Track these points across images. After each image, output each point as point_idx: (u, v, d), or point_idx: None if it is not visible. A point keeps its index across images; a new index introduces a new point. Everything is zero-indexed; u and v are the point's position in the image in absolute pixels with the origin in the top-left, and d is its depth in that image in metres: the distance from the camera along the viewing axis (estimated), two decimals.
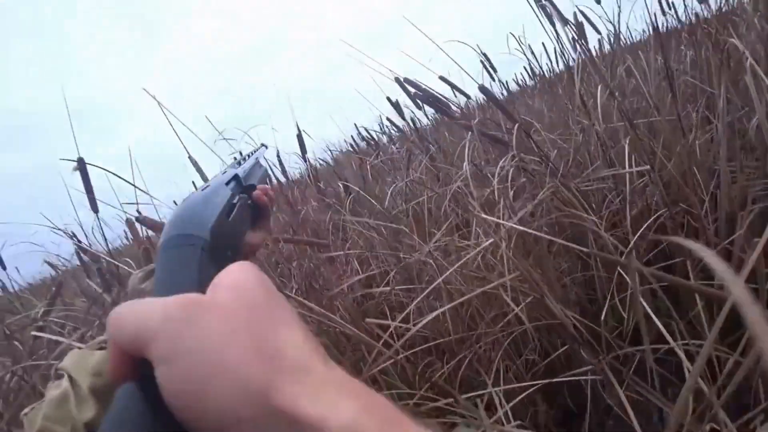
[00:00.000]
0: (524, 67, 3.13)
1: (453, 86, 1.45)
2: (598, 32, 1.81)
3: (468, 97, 1.44)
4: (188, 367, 0.21)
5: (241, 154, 0.55)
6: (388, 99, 1.85)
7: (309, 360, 0.22)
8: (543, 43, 2.85)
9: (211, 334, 0.21)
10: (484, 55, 2.11)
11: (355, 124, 2.61)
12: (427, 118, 2.71)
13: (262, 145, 0.62)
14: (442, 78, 1.48)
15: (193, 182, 2.23)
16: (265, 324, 0.23)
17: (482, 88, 0.87)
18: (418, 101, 1.03)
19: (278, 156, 1.49)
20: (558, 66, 2.73)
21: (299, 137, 1.47)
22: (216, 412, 0.20)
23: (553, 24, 1.17)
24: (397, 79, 1.28)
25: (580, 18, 1.63)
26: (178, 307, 0.22)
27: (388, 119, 2.22)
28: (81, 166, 0.96)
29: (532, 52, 2.06)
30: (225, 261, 0.30)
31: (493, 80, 2.09)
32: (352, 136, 2.61)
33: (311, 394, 0.20)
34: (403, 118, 1.87)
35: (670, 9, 2.11)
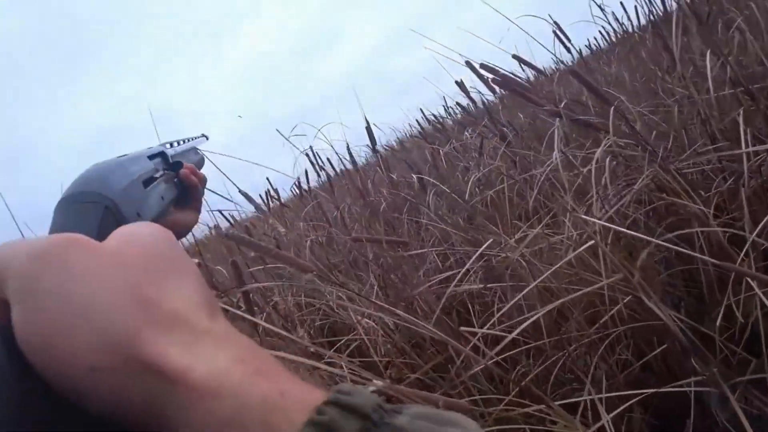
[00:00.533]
0: (599, 31, 2.85)
1: (528, 65, 1.36)
2: None
3: (543, 74, 1.34)
4: (42, 308, 0.19)
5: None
6: (457, 83, 1.78)
7: (190, 312, 0.21)
8: (621, 2, 2.57)
9: (79, 275, 0.20)
10: (556, 23, 1.96)
11: (421, 109, 2.56)
12: (494, 94, 2.58)
13: (202, 135, 0.60)
14: (515, 57, 1.39)
15: (267, 179, 2.32)
16: (149, 273, 0.21)
17: (574, 73, 0.79)
18: (496, 86, 0.97)
19: (348, 149, 1.50)
20: (639, 21, 2.44)
21: (368, 129, 1.46)
22: (68, 358, 0.18)
23: None
24: (468, 63, 1.22)
25: None
26: (51, 244, 0.20)
27: (457, 103, 2.14)
28: None
29: (604, 13, 1.86)
30: None
31: (569, 51, 1.93)
32: (417, 120, 2.56)
33: (184, 345, 0.19)
34: (472, 100, 1.80)
35: None
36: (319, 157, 1.66)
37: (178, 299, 0.21)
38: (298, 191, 1.76)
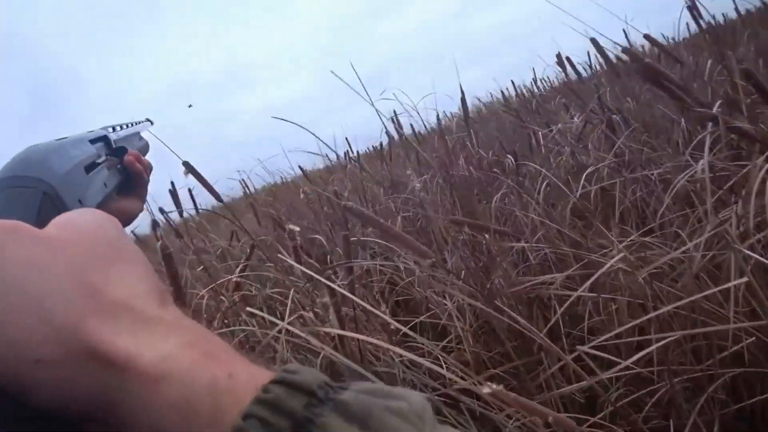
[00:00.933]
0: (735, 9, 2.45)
1: (660, 47, 1.19)
2: None
3: (678, 61, 1.17)
4: None
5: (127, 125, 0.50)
6: (558, 56, 1.63)
7: (138, 299, 0.20)
8: None
9: (18, 263, 0.19)
10: None
11: (512, 81, 2.40)
12: (586, 70, 2.35)
13: (147, 119, 0.57)
14: (647, 37, 1.23)
15: (346, 139, 2.30)
16: (94, 260, 0.20)
17: (748, 73, 0.66)
18: (638, 76, 0.86)
19: (438, 118, 1.43)
20: None
21: (463, 100, 1.38)
22: (10, 352, 0.17)
23: None
24: (593, 41, 1.09)
25: None
26: None
27: (564, 79, 1.97)
28: (189, 168, 0.98)
29: None
30: None
31: (701, 28, 1.69)
32: (501, 91, 2.41)
33: (131, 332, 0.18)
34: (577, 74, 1.64)
35: None
36: (401, 125, 1.61)
37: (125, 286, 0.20)
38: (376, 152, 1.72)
